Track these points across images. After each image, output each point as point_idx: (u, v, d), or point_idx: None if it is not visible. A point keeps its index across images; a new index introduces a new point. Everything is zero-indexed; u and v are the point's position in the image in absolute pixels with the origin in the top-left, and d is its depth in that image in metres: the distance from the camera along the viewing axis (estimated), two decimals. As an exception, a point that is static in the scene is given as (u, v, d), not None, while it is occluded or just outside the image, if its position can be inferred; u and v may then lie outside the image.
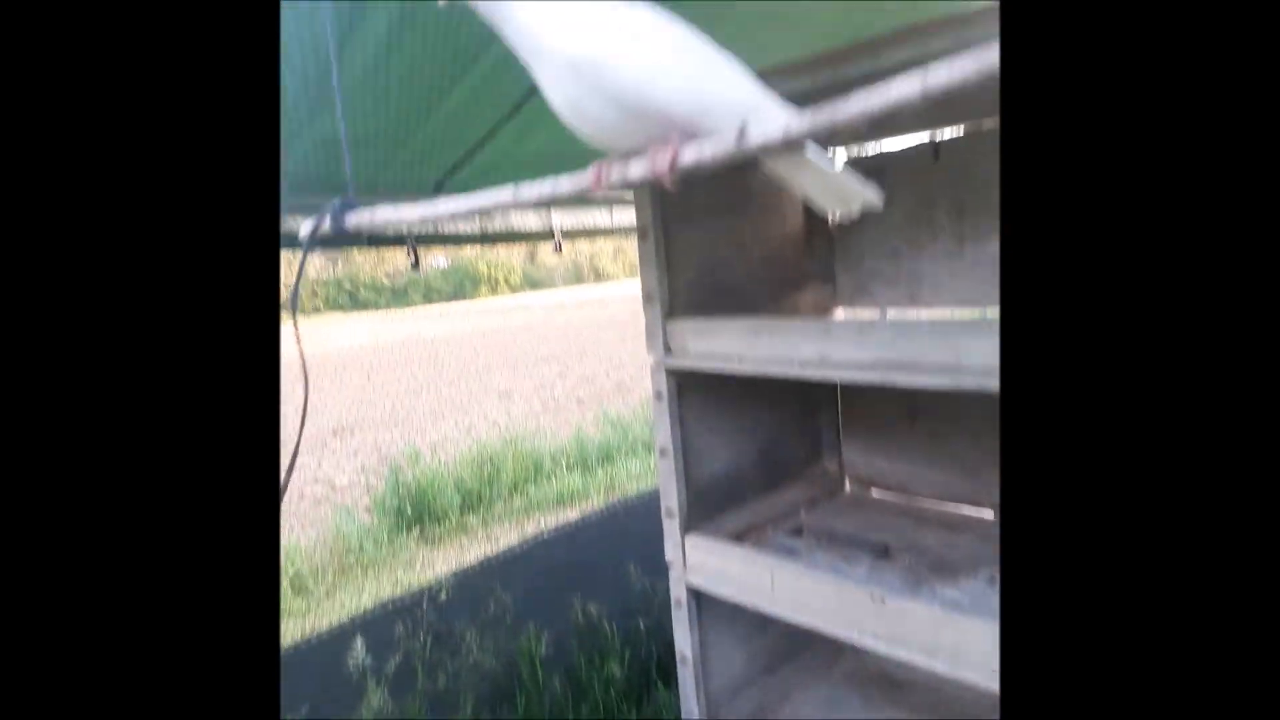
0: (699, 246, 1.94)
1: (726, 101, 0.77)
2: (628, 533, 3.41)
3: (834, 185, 0.89)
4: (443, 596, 2.86)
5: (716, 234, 1.97)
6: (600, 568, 3.24)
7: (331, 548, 4.65)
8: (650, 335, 1.94)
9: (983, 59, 0.47)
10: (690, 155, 0.70)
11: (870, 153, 2.39)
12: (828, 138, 0.59)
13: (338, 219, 0.97)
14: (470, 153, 2.12)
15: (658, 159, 0.71)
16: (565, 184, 0.80)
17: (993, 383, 1.28)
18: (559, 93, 0.78)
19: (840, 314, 2.25)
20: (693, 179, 0.94)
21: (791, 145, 0.60)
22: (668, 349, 1.91)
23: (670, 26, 0.78)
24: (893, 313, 2.42)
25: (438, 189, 2.27)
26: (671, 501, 1.96)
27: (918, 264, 2.03)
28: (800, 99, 1.61)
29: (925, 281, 2.01)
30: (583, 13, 0.76)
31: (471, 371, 11.77)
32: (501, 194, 0.81)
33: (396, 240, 2.25)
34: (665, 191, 1.86)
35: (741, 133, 0.63)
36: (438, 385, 11.25)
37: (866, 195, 0.89)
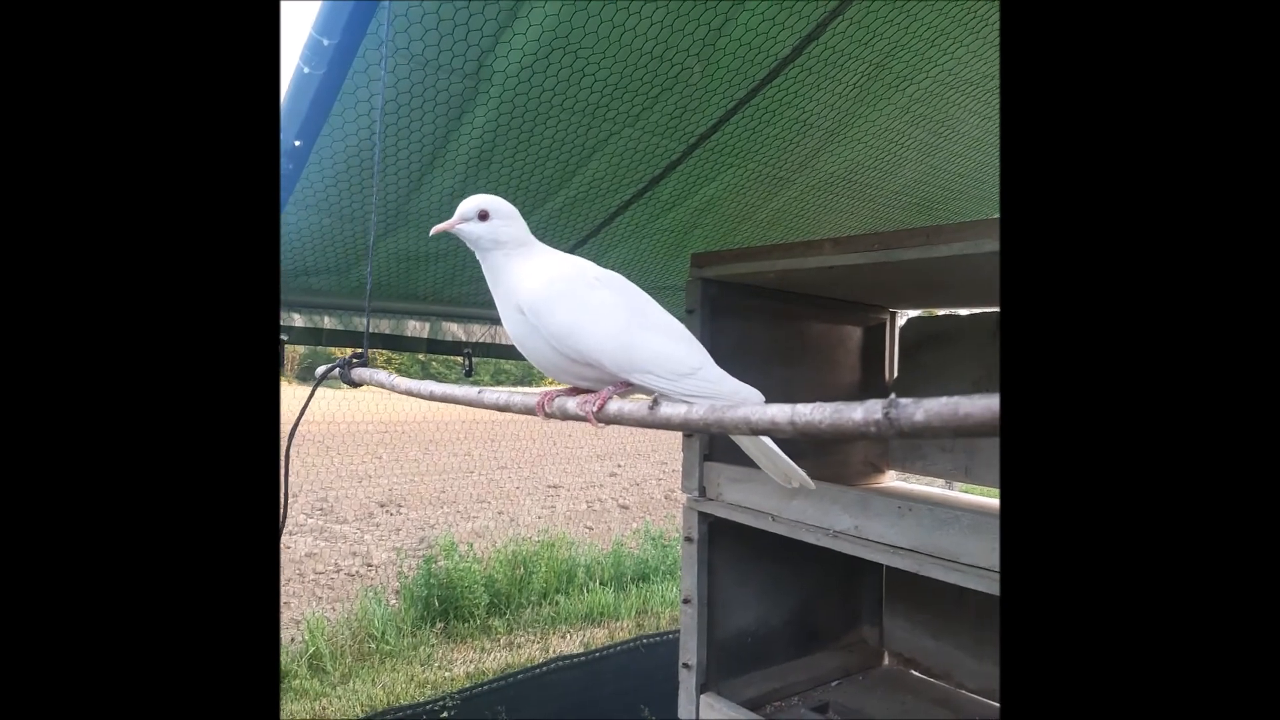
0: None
1: (662, 363, 0.85)
2: (649, 674, 3.23)
3: (775, 460, 0.94)
4: (444, 716, 2.73)
5: (769, 379, 1.95)
6: (613, 708, 3.07)
7: (354, 630, 4.58)
8: (686, 474, 1.89)
9: (870, 409, 0.49)
10: (613, 409, 0.78)
11: (938, 313, 2.35)
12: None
13: (345, 372, 1.06)
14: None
15: (586, 405, 0.79)
16: (518, 399, 0.88)
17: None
18: (510, 326, 0.88)
19: (890, 476, 2.16)
20: (747, 322, 0.99)
21: (691, 423, 0.64)
22: (703, 491, 1.85)
23: (615, 294, 0.88)
24: (943, 486, 2.31)
25: (500, 305, 2.35)
26: (690, 656, 1.85)
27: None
28: (853, 273, 1.62)
29: (980, 456, 1.91)
30: (541, 267, 0.87)
31: (524, 459, 11.80)
32: (469, 392, 0.93)
33: (454, 348, 2.32)
34: (721, 333, 1.87)
35: (653, 404, 0.69)
36: (490, 468, 11.32)
37: (802, 478, 0.94)
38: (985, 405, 0.41)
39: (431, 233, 0.89)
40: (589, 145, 1.72)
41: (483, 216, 0.88)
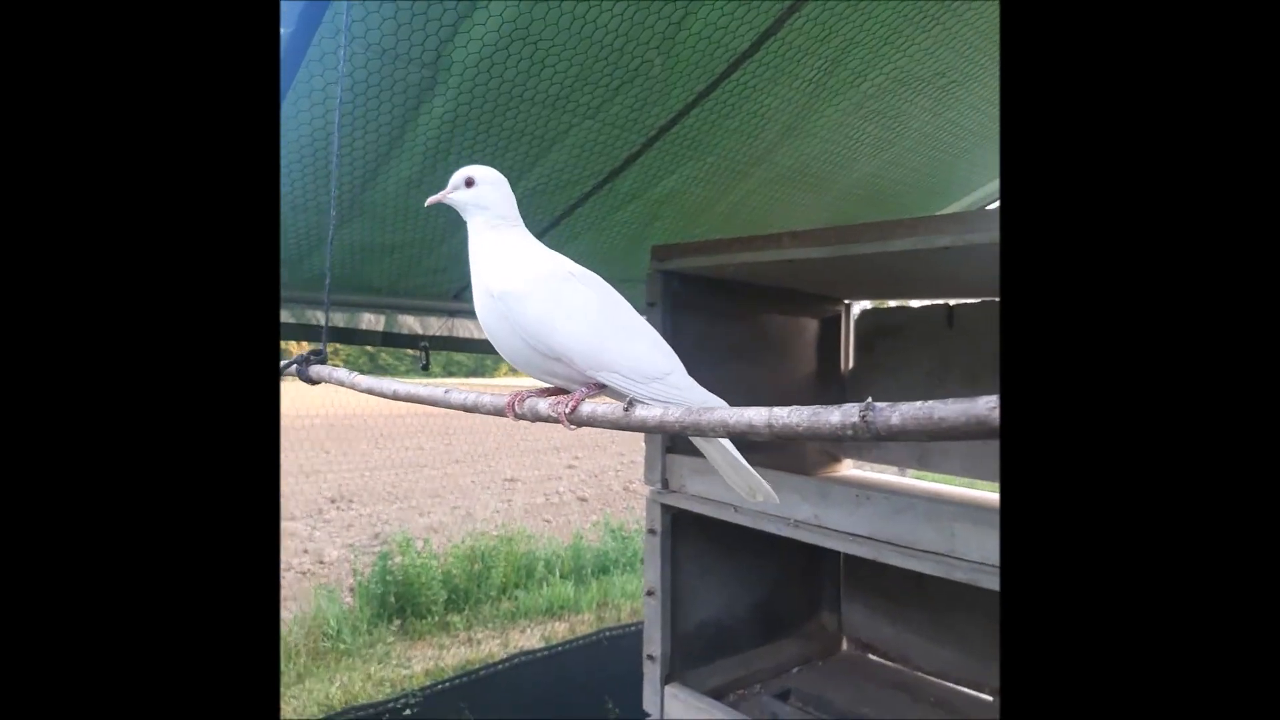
0: (711, 385, 1.93)
1: (631, 364, 0.85)
2: (612, 666, 3.24)
3: (741, 472, 0.93)
4: (407, 714, 2.70)
5: (728, 374, 1.97)
6: (577, 703, 3.07)
7: (308, 629, 4.49)
8: (649, 466, 1.90)
9: (847, 412, 0.52)
10: (586, 411, 0.78)
11: (890, 305, 2.40)
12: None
13: (302, 369, 1.04)
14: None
15: (559, 406, 0.79)
16: (487, 400, 0.87)
17: (982, 578, 1.23)
18: (482, 315, 0.87)
19: (847, 465, 2.20)
20: (707, 314, 0.98)
21: (666, 426, 0.65)
22: (665, 484, 1.86)
23: (591, 292, 0.87)
24: (896, 475, 2.37)
25: (456, 298, 2.31)
26: (654, 647, 1.87)
27: (928, 425, 1.99)
28: (811, 266, 1.64)
29: (935, 446, 1.97)
30: (519, 257, 0.86)
31: (479, 453, 11.64)
32: (435, 392, 0.91)
33: (410, 341, 2.28)
34: (682, 326, 1.88)
35: (628, 407, 0.69)
36: (444, 462, 11.14)
37: (766, 491, 0.92)
38: (961, 410, 0.42)
39: (426, 204, 0.89)
40: (549, 137, 1.70)
41: (469, 183, 0.88)
